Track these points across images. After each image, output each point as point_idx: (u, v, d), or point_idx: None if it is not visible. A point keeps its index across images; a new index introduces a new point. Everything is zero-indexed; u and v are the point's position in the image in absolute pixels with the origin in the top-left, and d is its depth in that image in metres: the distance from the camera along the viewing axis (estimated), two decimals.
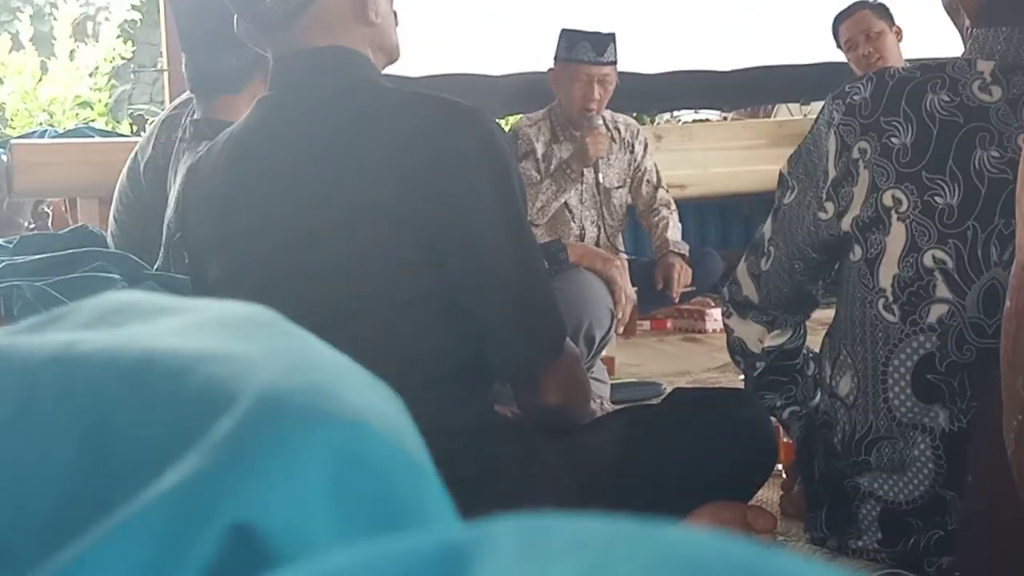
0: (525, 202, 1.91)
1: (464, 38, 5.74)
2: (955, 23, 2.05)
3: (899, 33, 4.95)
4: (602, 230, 4.85)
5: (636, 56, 5.72)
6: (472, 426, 1.84)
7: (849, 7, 5.01)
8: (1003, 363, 1.33)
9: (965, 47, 1.97)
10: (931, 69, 1.90)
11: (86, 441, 0.47)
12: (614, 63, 4.64)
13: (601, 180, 4.79)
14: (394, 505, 0.44)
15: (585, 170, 4.73)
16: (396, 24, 1.98)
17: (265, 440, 0.43)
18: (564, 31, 4.69)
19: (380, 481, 0.44)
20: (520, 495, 1.82)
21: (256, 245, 1.85)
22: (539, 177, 4.65)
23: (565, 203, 4.76)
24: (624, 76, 5.19)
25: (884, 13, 4.97)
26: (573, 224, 4.79)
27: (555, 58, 4.70)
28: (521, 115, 4.97)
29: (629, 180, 4.92)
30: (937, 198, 1.84)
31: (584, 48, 4.60)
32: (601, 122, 4.61)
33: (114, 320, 0.54)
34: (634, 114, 6.20)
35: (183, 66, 2.98)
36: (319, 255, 1.80)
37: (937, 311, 1.84)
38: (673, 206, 4.95)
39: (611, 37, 4.63)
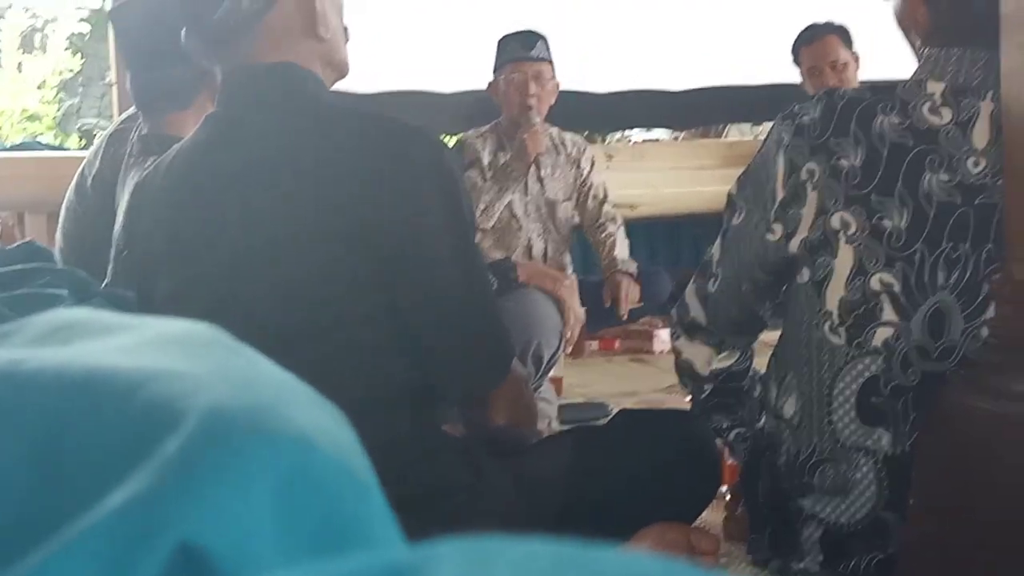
0: (474, 221, 1.91)
1: (415, 55, 5.74)
2: (908, 40, 2.06)
3: (857, 60, 4.93)
4: (548, 243, 4.88)
5: (587, 75, 5.74)
6: (419, 446, 1.83)
7: (813, 29, 4.91)
8: None
9: (917, 66, 1.98)
10: (881, 91, 1.91)
11: (34, 459, 0.47)
12: (547, 61, 4.68)
13: (546, 191, 4.83)
14: (339, 524, 0.44)
15: (530, 179, 4.77)
16: (346, 40, 1.98)
17: (211, 459, 0.43)
18: (498, 41, 4.75)
19: (326, 500, 0.44)
20: (466, 515, 1.81)
21: (204, 263, 1.83)
22: (482, 183, 4.70)
23: (512, 212, 4.79)
24: (575, 95, 5.21)
25: (847, 38, 4.90)
26: (521, 234, 4.83)
27: (493, 70, 4.76)
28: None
29: (575, 195, 4.97)
30: (885, 221, 1.84)
31: (513, 47, 4.67)
32: (539, 120, 4.65)
33: (62, 337, 0.54)
34: (585, 133, 6.23)
35: (128, 83, 2.96)
36: (266, 274, 1.78)
37: (883, 334, 1.85)
38: (619, 221, 4.98)
39: (539, 35, 4.69)
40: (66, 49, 13.99)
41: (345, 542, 0.44)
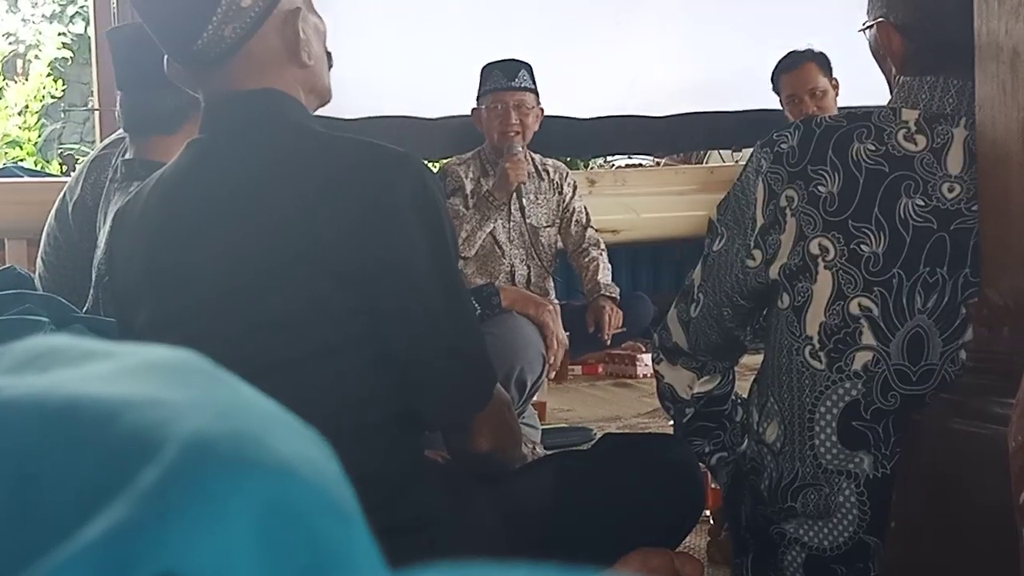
0: (456, 247, 1.91)
1: (399, 80, 5.75)
2: (882, 69, 2.08)
3: (836, 86, 4.95)
4: (532, 269, 4.88)
5: (570, 101, 5.75)
6: (402, 473, 1.83)
7: (793, 57, 4.95)
8: None
9: (891, 94, 2.00)
10: (857, 118, 1.92)
11: (11, 488, 0.47)
12: (531, 90, 4.69)
13: (528, 217, 4.84)
14: (321, 554, 0.44)
15: (512, 206, 4.78)
16: (330, 66, 1.98)
17: (191, 488, 0.43)
18: (481, 69, 4.76)
19: (307, 530, 0.44)
20: (450, 542, 1.81)
21: (185, 290, 1.83)
22: (465, 212, 4.71)
23: (495, 239, 4.80)
24: (558, 121, 5.22)
25: (827, 65, 4.92)
26: (504, 261, 4.84)
27: (476, 98, 4.78)
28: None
29: (558, 220, 4.98)
30: (863, 246, 1.85)
31: (496, 76, 4.68)
32: (520, 149, 4.66)
33: (41, 365, 0.54)
34: (568, 159, 6.24)
35: (118, 105, 2.96)
36: (249, 301, 1.78)
37: (862, 358, 1.86)
38: (602, 246, 5.00)
39: (523, 64, 4.70)
40: (48, 75, 13.98)
41: (327, 572, 0.44)
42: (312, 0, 1.94)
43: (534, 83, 4.72)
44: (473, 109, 4.82)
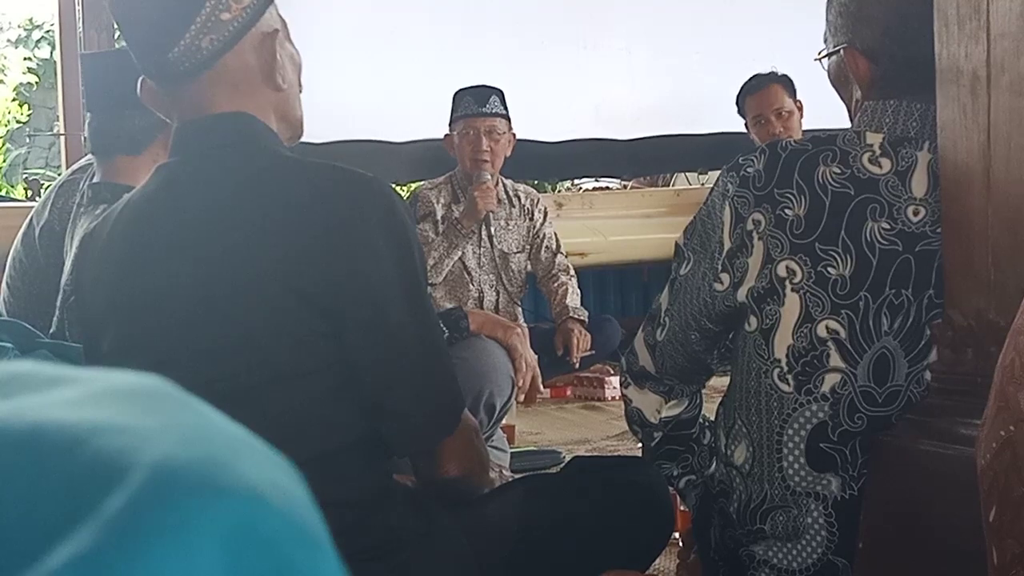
0: (425, 272, 1.90)
1: (366, 105, 5.75)
2: (841, 96, 2.09)
3: (801, 108, 4.99)
4: (501, 295, 4.89)
5: (537, 125, 5.78)
6: (371, 497, 1.82)
7: (757, 79, 5.00)
8: (1003, 375, 1.33)
9: (854, 120, 2.01)
10: (822, 141, 1.93)
11: None
12: (502, 116, 4.71)
13: (497, 243, 4.84)
14: None
15: (483, 233, 4.78)
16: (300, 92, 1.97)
17: (158, 515, 0.42)
18: (453, 95, 4.78)
19: (276, 557, 0.44)
20: (419, 567, 1.81)
21: (152, 315, 1.82)
22: (434, 237, 4.71)
23: (464, 265, 4.80)
24: (526, 144, 5.24)
25: (791, 87, 4.97)
26: (472, 287, 4.84)
27: (449, 124, 4.79)
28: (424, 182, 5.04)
29: (528, 246, 4.99)
30: (830, 269, 1.86)
31: (468, 102, 4.70)
32: (489, 177, 4.67)
33: (4, 391, 0.53)
34: (536, 182, 6.26)
35: (85, 126, 2.97)
36: (217, 326, 1.77)
37: (830, 380, 1.86)
38: (572, 271, 5.01)
39: (494, 90, 4.71)
40: (13, 100, 13.94)
41: None
42: (290, 31, 1.94)
43: (506, 109, 4.73)
44: (445, 135, 4.83)
